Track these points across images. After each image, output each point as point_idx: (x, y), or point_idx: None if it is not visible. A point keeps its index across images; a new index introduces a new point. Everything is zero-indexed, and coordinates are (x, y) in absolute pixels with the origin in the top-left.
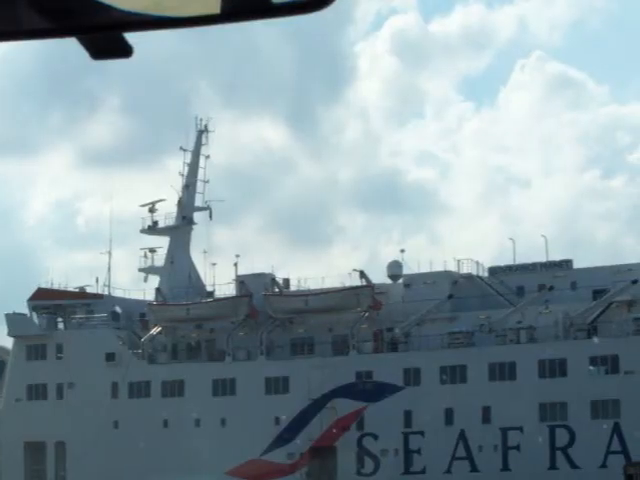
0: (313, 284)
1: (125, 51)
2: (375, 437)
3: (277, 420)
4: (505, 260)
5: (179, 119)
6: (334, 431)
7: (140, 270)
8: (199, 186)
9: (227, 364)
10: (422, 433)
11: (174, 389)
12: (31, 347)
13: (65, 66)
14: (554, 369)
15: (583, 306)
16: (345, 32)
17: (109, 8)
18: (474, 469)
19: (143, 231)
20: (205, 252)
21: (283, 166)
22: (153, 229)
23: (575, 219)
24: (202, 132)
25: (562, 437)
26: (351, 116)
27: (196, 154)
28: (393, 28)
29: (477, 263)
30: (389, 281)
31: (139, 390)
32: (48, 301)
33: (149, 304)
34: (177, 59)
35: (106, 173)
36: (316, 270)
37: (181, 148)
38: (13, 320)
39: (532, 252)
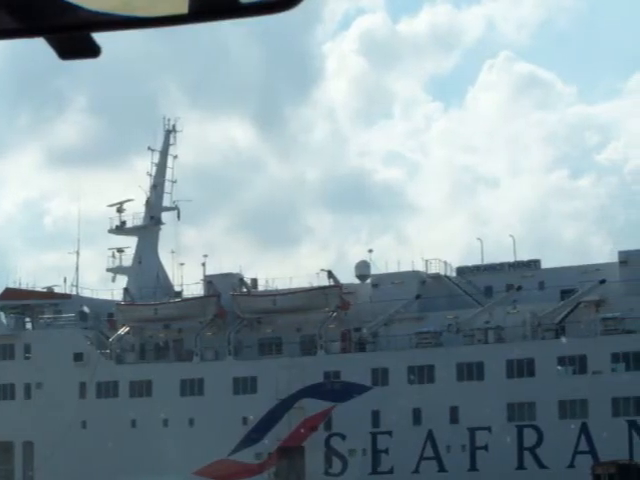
0: (281, 284)
1: (93, 51)
2: (343, 437)
3: (245, 420)
4: (473, 260)
5: (147, 119)
6: (302, 431)
7: (108, 270)
8: (167, 186)
9: (195, 364)
10: (390, 433)
11: (142, 389)
12: None
13: (33, 66)
14: (522, 369)
15: (551, 306)
16: (313, 32)
17: (77, 8)
18: (442, 469)
19: (111, 231)
20: (173, 252)
21: (251, 166)
22: (121, 229)
23: (543, 219)
24: (170, 132)
25: (530, 437)
26: (319, 116)
27: (164, 154)
28: (361, 28)
29: (445, 263)
30: (357, 281)
31: (107, 390)
32: (16, 301)
33: (117, 304)
34: (145, 59)
35: (74, 173)
36: (284, 270)
37: (149, 148)
38: None
39: (500, 252)
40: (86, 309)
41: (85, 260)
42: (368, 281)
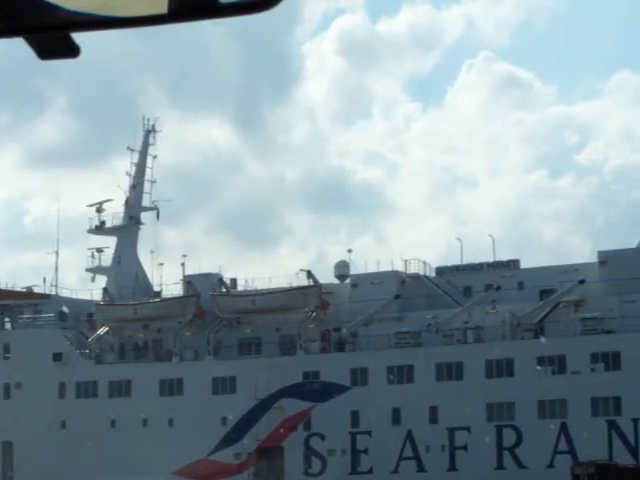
0: (260, 284)
1: (72, 51)
2: (322, 437)
3: (224, 420)
4: (452, 260)
5: (126, 119)
6: (281, 431)
7: (87, 270)
8: (146, 186)
9: (174, 364)
10: (369, 433)
11: (121, 389)
12: None
13: (13, 66)
14: (501, 369)
15: (530, 306)
16: (292, 32)
17: (56, 8)
18: (421, 469)
19: (90, 231)
20: (152, 252)
21: (230, 166)
22: (100, 229)
23: (522, 219)
24: (149, 132)
25: (509, 437)
26: (298, 116)
27: (143, 154)
28: (340, 28)
29: (424, 263)
30: (336, 281)
31: (86, 390)
32: None
33: (96, 304)
34: (124, 59)
35: (53, 173)
36: (263, 270)
37: (128, 148)
38: None
39: (479, 252)
40: (65, 309)
41: (64, 260)
42: (347, 281)
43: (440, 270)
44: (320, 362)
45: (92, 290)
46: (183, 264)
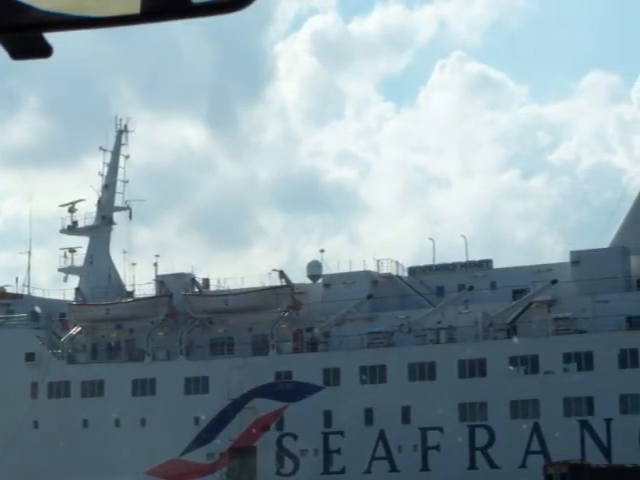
0: (233, 284)
1: (45, 51)
2: (295, 437)
3: (197, 420)
4: (425, 260)
5: (99, 119)
6: (254, 431)
7: (60, 270)
8: (119, 186)
9: (147, 364)
10: (342, 433)
11: (94, 389)
12: None
13: None
14: (474, 369)
15: (503, 306)
16: (265, 32)
17: (28, 8)
18: (394, 469)
19: (63, 231)
20: (125, 252)
21: (203, 166)
22: (73, 229)
23: (495, 219)
24: (122, 132)
25: (482, 437)
26: (271, 116)
27: (116, 154)
28: (313, 28)
29: (397, 263)
30: (309, 281)
31: (59, 390)
32: None
33: (69, 304)
34: (97, 59)
35: (26, 173)
36: (236, 270)
37: (101, 148)
38: None
39: (452, 252)
40: (38, 309)
41: (37, 260)
42: (320, 281)
43: (413, 270)
44: (293, 362)
45: (65, 290)
46: (156, 264)
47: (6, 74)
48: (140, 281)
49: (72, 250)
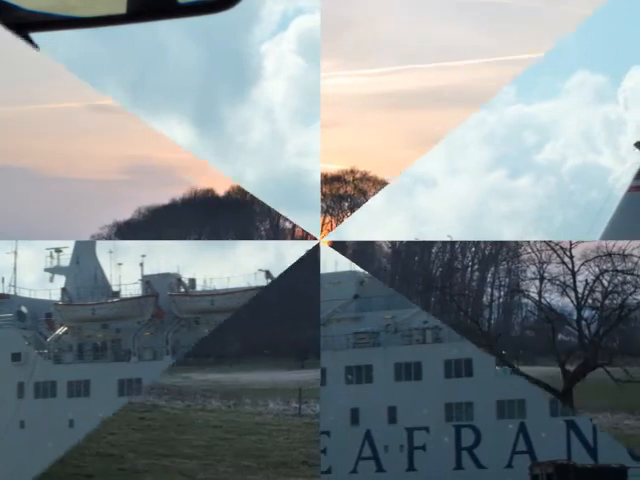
0: (219, 284)
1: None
2: None
3: None
4: None
5: None
6: None
7: (46, 270)
8: None
9: (133, 364)
10: (328, 433)
11: (80, 389)
12: None
13: None
14: (460, 369)
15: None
16: (251, 32)
17: (15, 8)
18: (380, 469)
19: None
20: (111, 252)
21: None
22: None
23: (481, 219)
24: None
25: (468, 437)
26: (257, 116)
27: None
28: (299, 28)
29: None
30: None
31: (45, 390)
32: None
33: (55, 304)
34: (83, 59)
35: None
36: (222, 270)
37: None
38: None
39: None
40: (24, 309)
41: (23, 260)
42: None
43: None
44: None
45: (51, 290)
46: (142, 264)
47: None
48: (126, 281)
49: (58, 250)
